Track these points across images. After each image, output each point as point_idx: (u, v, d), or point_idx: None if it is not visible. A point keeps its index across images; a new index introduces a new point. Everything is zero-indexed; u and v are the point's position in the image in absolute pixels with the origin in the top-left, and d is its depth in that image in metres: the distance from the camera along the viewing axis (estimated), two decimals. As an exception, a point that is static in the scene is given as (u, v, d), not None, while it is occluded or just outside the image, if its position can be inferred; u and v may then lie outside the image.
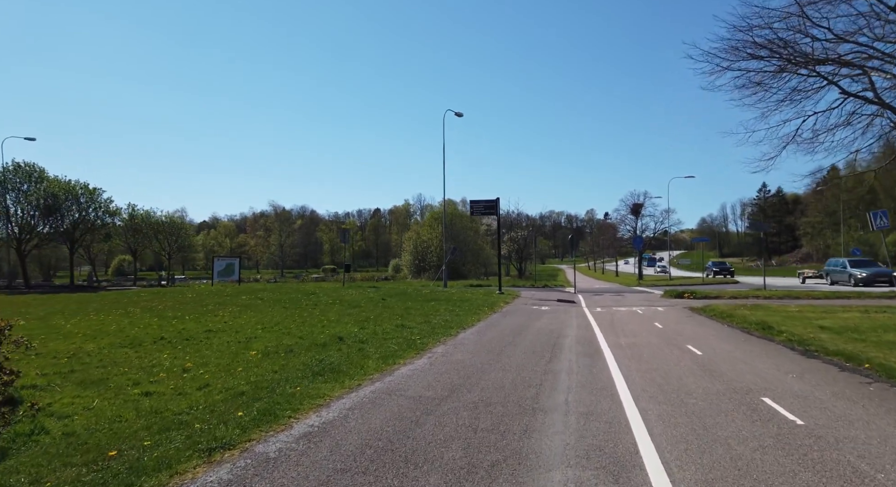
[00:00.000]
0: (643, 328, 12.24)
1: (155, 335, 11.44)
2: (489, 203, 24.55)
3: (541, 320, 14.14)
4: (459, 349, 9.07)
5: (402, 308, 16.58)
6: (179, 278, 78.87)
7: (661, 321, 13.49)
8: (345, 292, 23.66)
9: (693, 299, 21.12)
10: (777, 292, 21.85)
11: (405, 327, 11.88)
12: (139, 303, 20.33)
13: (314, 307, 17.37)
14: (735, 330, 11.48)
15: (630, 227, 59.14)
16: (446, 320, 13.38)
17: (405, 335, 10.47)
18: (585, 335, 11.07)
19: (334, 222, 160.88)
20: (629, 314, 15.84)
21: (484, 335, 10.83)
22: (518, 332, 11.41)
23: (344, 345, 9.28)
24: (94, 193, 41.33)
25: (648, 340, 10.20)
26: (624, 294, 25.37)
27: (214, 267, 41.47)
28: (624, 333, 11.32)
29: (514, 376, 6.81)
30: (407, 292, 23.14)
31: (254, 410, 5.00)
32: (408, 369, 7.24)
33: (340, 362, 7.62)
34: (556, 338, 10.55)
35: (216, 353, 8.90)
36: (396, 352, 8.50)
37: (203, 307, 17.91)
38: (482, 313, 15.63)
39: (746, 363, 7.67)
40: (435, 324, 12.41)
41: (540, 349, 9.02)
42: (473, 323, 13.00)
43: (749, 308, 15.34)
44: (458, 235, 61.95)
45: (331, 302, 18.89)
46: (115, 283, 57.90)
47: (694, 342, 9.71)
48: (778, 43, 9.63)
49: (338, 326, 12.20)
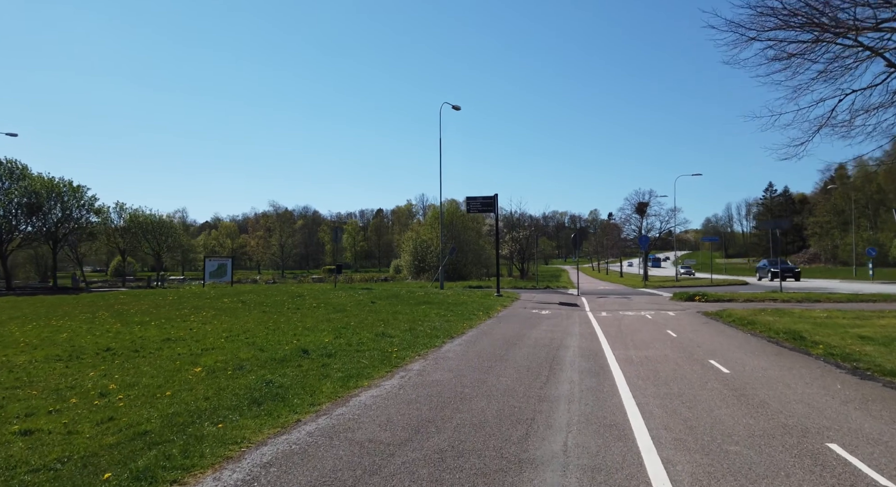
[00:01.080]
0: (655, 336, 10.83)
1: (104, 344, 10.15)
2: (487, 200, 23.12)
3: (540, 327, 12.76)
4: (441, 365, 7.69)
5: (389, 313, 15.22)
6: (178, 278, 77.78)
7: (675, 329, 12.08)
8: (334, 294, 22.32)
9: (705, 303, 19.68)
10: (795, 295, 20.39)
11: (386, 336, 10.52)
12: (113, 306, 19.02)
13: (295, 311, 16.04)
14: (761, 340, 10.06)
15: (635, 226, 57.65)
16: (434, 327, 12.01)
17: (382, 347, 9.10)
18: (590, 346, 9.69)
19: (336, 222, 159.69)
20: (638, 319, 14.44)
21: (473, 347, 9.45)
22: (512, 342, 10.02)
23: (306, 360, 7.92)
24: (79, 190, 39.98)
25: (663, 352, 8.80)
26: (630, 297, 23.95)
27: (206, 268, 40.18)
28: (634, 343, 9.92)
29: (499, 405, 5.43)
30: (399, 295, 21.79)
31: (132, 468, 3.63)
32: (369, 395, 5.86)
33: (292, 384, 6.26)
34: (556, 350, 9.16)
35: (156, 370, 7.56)
36: (364, 370, 7.14)
37: (177, 312, 16.62)
38: (476, 318, 14.26)
39: (788, 385, 6.26)
40: (420, 332, 11.04)
41: (536, 366, 7.64)
42: (464, 331, 11.63)
43: (771, 314, 13.91)
44: (458, 235, 60.53)
45: (315, 306, 17.55)
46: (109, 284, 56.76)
47: (717, 356, 8.31)
48: (815, 6, 8.23)
49: (311, 334, 10.85)
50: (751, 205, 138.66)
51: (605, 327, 12.75)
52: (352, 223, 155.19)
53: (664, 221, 55.05)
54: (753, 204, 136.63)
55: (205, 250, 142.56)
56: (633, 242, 62.99)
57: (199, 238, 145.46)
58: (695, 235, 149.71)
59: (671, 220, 54.48)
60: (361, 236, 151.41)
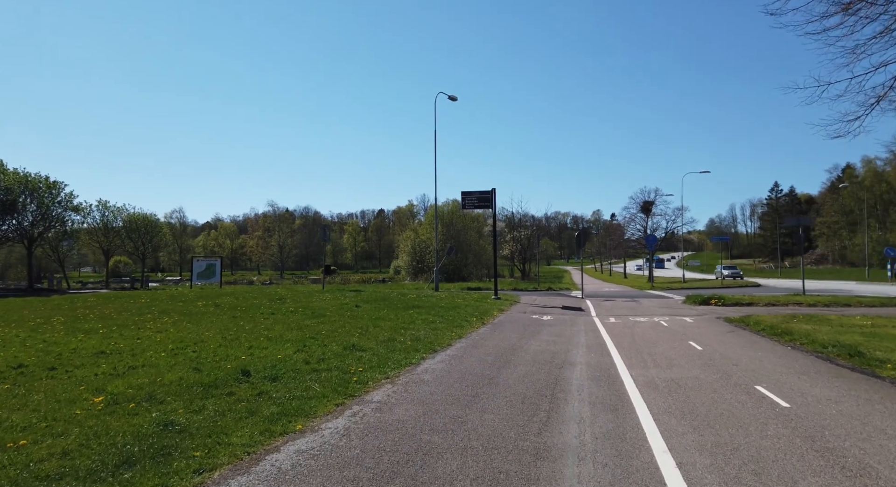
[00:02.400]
0: (677, 350, 9.13)
1: (22, 359, 8.55)
2: (484, 195, 21.38)
3: (540, 336, 11.05)
4: (410, 393, 5.99)
5: (370, 319, 13.54)
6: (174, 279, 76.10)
7: (698, 339, 10.37)
8: (319, 297, 20.66)
9: (723, 307, 17.95)
10: (822, 298, 18.62)
11: (356, 349, 8.83)
12: (75, 310, 17.38)
13: (268, 317, 14.39)
14: (809, 356, 8.34)
15: (640, 226, 55.86)
16: (417, 337, 10.32)
17: (346, 365, 7.42)
18: (600, 363, 7.98)
19: (337, 222, 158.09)
20: (652, 326, 12.73)
21: (458, 365, 7.75)
22: (507, 358, 8.32)
23: (243, 385, 6.24)
24: (55, 186, 38.02)
25: (693, 373, 7.09)
26: (638, 300, 22.21)
27: (193, 269, 38.42)
28: (654, 359, 8.21)
29: (478, 467, 3.73)
30: (389, 298, 20.10)
31: None
32: (294, 449, 4.14)
33: (198, 427, 4.57)
34: (560, 368, 7.47)
35: (48, 398, 5.91)
36: (308, 403, 5.45)
37: (138, 317, 15.00)
38: (467, 325, 12.56)
39: (882, 432, 4.54)
40: (398, 345, 9.35)
41: (534, 394, 5.95)
42: (451, 342, 9.93)
43: (804, 321, 12.19)
44: (458, 234, 58.77)
45: (293, 310, 15.88)
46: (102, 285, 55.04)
47: (764, 380, 6.60)
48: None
49: (270, 347, 9.18)
50: (755, 205, 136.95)
51: (615, 336, 11.04)
52: (352, 224, 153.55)
53: (670, 220, 53.27)
54: (758, 205, 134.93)
55: (204, 250, 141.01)
56: (636, 242, 61.21)
57: (199, 239, 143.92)
58: (698, 235, 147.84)
59: (678, 219, 52.69)
60: (362, 236, 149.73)
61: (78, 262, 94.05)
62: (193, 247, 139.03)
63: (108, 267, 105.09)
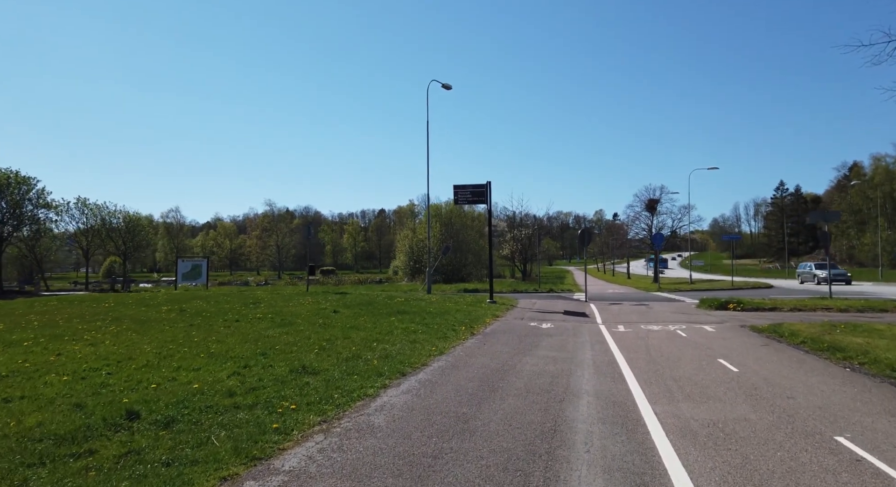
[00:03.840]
0: (707, 371, 7.31)
1: None
2: (478, 189, 19.49)
3: (537, 350, 9.24)
4: (343, 457, 4.17)
5: (344, 328, 11.77)
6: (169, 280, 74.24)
7: (729, 356, 8.56)
8: (299, 300, 18.89)
9: (743, 311, 16.11)
10: (853, 302, 16.73)
11: (307, 372, 7.05)
12: (22, 316, 15.68)
13: (230, 324, 12.65)
14: (881, 384, 6.50)
15: (645, 225, 53.96)
16: (389, 353, 8.54)
17: (278, 400, 5.63)
18: (612, 392, 6.18)
19: (337, 222, 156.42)
20: (668, 337, 10.91)
21: (425, 398, 5.94)
22: (492, 386, 6.51)
23: (113, 439, 4.45)
24: (26, 182, 35.87)
25: (739, 412, 5.29)
26: (648, 303, 20.38)
27: (178, 269, 36.74)
28: (680, 386, 6.41)
29: None
30: (374, 302, 18.32)
31: None
32: None
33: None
34: (559, 405, 5.66)
35: None
36: (184, 474, 3.67)
37: (86, 324, 13.30)
38: (453, 337, 10.75)
39: None
40: (362, 365, 7.56)
41: (521, 454, 4.14)
42: (427, 361, 8.12)
43: (850, 332, 10.35)
44: (457, 234, 56.92)
45: (260, 317, 14.11)
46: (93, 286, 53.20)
47: (845, 426, 4.78)
48: None
49: (204, 368, 7.41)
50: (759, 205, 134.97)
51: (627, 350, 9.23)
52: (353, 223, 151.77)
53: (676, 219, 51.36)
54: (762, 204, 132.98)
55: (203, 250, 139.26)
56: (640, 242, 59.33)
57: (198, 238, 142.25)
58: (701, 235, 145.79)
59: (684, 217, 50.77)
60: (362, 236, 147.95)
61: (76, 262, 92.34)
62: (192, 247, 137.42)
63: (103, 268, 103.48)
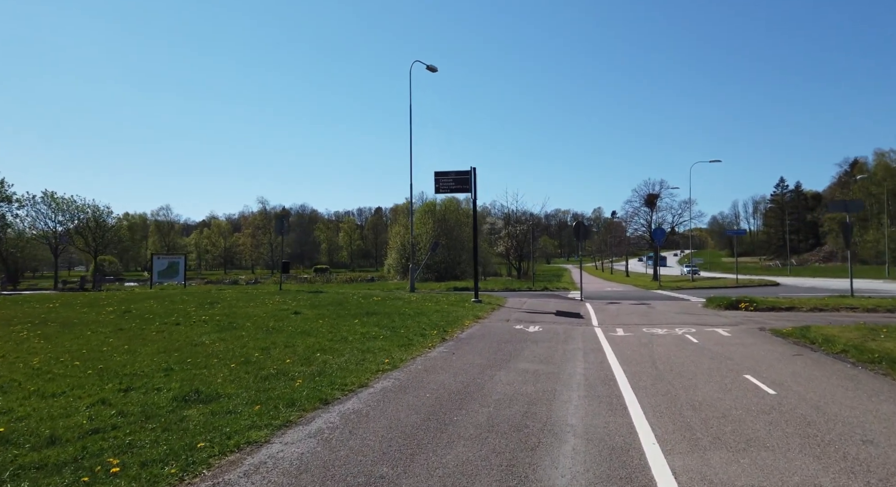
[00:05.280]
0: (735, 395, 5.51)
1: None
2: (461, 175, 17.49)
3: (516, 362, 7.43)
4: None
5: (292, 334, 9.96)
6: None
7: (757, 370, 6.76)
8: (264, 300, 17.08)
9: (756, 312, 14.34)
10: (882, 301, 14.89)
11: (199, 399, 5.24)
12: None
13: (166, 329, 10.87)
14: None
15: (644, 221, 52.24)
16: (326, 368, 6.73)
17: (110, 454, 3.84)
18: (610, 429, 4.37)
19: (333, 221, 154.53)
20: (677, 344, 9.12)
21: (334, 450, 4.08)
22: (441, 422, 4.68)
23: None
24: (-17, 174, 33.99)
25: (802, 470, 3.48)
26: (649, 302, 18.59)
27: (154, 267, 34.76)
28: (704, 421, 4.60)
29: None
30: (346, 301, 16.50)
31: None
32: None
33: None
34: (532, 453, 3.84)
35: None
36: None
37: (3, 328, 11.55)
38: (419, 344, 8.93)
39: None
40: (282, 387, 5.75)
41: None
42: (370, 380, 6.29)
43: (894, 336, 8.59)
44: (451, 230, 55.07)
45: (206, 319, 12.31)
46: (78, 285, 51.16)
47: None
48: None
49: (72, 392, 5.66)
50: (758, 202, 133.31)
51: (628, 361, 7.43)
52: (348, 221, 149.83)
53: (676, 214, 49.61)
54: (761, 201, 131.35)
55: (196, 249, 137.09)
56: (639, 238, 57.62)
57: (191, 237, 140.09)
58: (700, 233, 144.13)
59: (685, 213, 49.01)
60: (358, 234, 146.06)
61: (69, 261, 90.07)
62: (185, 245, 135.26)
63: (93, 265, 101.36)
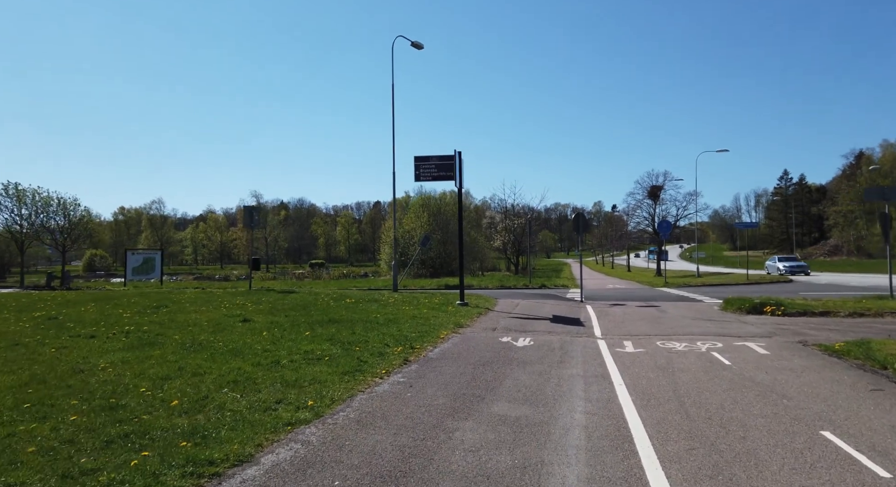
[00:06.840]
0: (823, 476, 3.46)
1: None
2: (445, 160, 15.20)
3: (492, 402, 5.35)
4: None
5: (224, 350, 7.90)
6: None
7: (836, 422, 4.69)
8: (220, 302, 15.03)
9: (785, 317, 12.25)
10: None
11: None
12: None
13: (69, 345, 8.82)
14: None
15: (646, 214, 50.15)
16: (221, 420, 4.68)
17: None
18: None
19: (331, 215, 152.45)
20: (705, 368, 7.02)
21: None
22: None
23: None
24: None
25: None
26: (658, 304, 16.49)
27: (128, 263, 32.69)
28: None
29: None
30: (313, 304, 14.43)
31: None
32: None
33: None
34: None
35: None
36: None
37: None
38: (369, 370, 6.83)
39: None
40: (113, 473, 3.71)
41: None
42: (260, 450, 4.20)
43: None
44: (447, 225, 52.91)
45: (131, 330, 10.24)
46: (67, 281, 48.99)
47: None
48: None
49: None
50: (760, 195, 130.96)
51: (646, 402, 5.35)
52: (346, 216, 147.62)
53: (681, 206, 47.47)
54: (763, 195, 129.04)
55: (193, 243, 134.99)
56: (642, 232, 55.55)
57: (186, 231, 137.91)
58: (701, 226, 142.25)
59: (690, 205, 46.86)
60: (356, 228, 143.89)
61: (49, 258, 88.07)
62: (180, 240, 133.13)
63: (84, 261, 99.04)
